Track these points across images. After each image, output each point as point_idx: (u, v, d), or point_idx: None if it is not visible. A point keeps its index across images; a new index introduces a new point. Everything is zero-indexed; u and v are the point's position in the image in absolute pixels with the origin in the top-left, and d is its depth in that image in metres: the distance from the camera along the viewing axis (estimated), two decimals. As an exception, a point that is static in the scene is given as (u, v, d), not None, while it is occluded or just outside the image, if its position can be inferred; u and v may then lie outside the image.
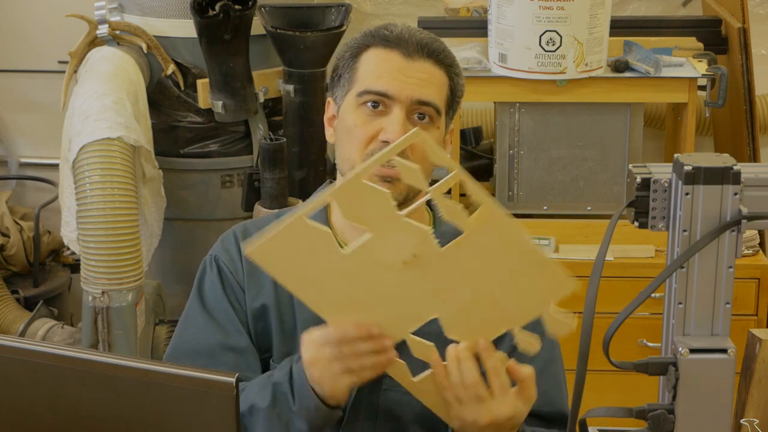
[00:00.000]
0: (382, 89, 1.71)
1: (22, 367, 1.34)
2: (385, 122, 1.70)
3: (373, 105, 1.71)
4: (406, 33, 1.74)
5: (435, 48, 1.74)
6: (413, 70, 1.72)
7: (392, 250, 1.48)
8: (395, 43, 1.73)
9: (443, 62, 1.75)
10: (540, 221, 3.32)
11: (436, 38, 1.77)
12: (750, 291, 3.16)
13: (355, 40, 1.78)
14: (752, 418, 1.61)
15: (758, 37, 3.65)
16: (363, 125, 1.72)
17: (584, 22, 3.07)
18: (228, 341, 1.75)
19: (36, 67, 4.03)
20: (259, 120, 3.55)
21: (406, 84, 1.71)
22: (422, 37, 1.74)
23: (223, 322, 1.77)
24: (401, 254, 1.48)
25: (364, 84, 1.73)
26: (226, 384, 1.27)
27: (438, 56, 1.74)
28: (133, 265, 3.11)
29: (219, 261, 1.81)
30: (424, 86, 1.72)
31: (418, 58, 1.72)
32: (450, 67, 1.76)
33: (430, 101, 1.72)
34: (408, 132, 1.55)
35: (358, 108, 1.73)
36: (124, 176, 3.10)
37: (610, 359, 1.31)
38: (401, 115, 1.70)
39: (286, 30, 3.38)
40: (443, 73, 1.75)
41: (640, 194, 1.33)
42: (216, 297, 1.79)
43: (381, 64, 1.73)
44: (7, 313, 3.65)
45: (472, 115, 3.85)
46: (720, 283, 1.31)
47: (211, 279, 1.81)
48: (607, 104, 3.26)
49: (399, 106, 1.70)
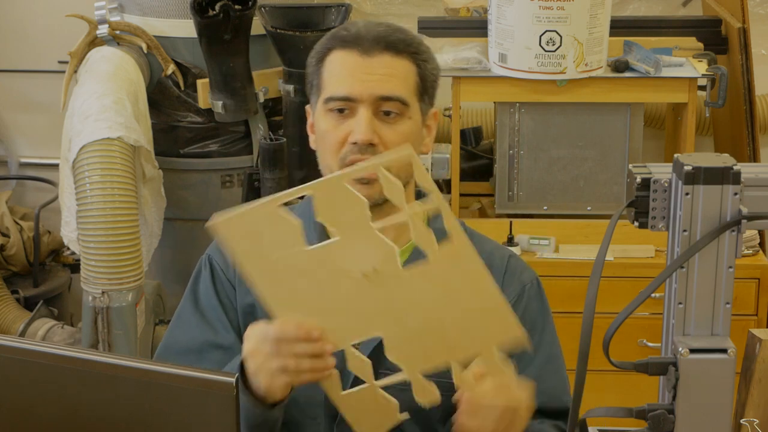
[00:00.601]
0: (344, 93, 1.71)
1: (22, 367, 1.34)
2: (353, 124, 1.70)
3: (339, 110, 1.72)
4: (363, 30, 1.73)
5: (393, 39, 1.72)
6: (372, 66, 1.71)
7: (355, 259, 1.47)
8: (352, 43, 1.72)
9: (405, 51, 1.73)
10: (540, 221, 3.31)
11: (397, 29, 1.75)
12: (750, 291, 3.16)
13: (319, 44, 1.78)
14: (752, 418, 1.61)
15: (758, 37, 3.65)
16: (333, 130, 1.72)
17: (584, 22, 3.07)
18: (216, 339, 1.76)
19: (36, 67, 4.03)
20: (259, 120, 3.55)
21: (366, 83, 1.70)
22: (380, 31, 1.73)
23: (213, 320, 1.78)
24: (363, 266, 1.48)
25: (328, 90, 1.73)
26: (226, 384, 1.27)
27: (397, 47, 1.72)
28: (133, 265, 3.11)
29: (212, 260, 1.83)
30: (385, 81, 1.71)
31: (376, 53, 1.71)
32: (415, 54, 1.74)
33: (393, 95, 1.71)
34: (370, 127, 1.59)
35: (326, 114, 1.73)
36: (124, 176, 3.10)
37: (610, 359, 1.31)
38: (367, 115, 1.70)
39: (286, 30, 3.38)
40: (407, 61, 1.73)
41: (640, 194, 1.33)
42: (207, 295, 1.80)
43: (340, 66, 1.72)
44: (7, 313, 3.65)
45: (472, 115, 3.85)
46: (720, 283, 1.31)
47: (204, 277, 1.82)
48: (607, 104, 3.26)
49: (363, 106, 1.70)
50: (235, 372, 1.60)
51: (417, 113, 1.75)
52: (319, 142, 1.76)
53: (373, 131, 1.70)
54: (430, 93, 1.78)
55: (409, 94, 1.73)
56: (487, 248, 1.85)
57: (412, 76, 1.74)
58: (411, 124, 1.74)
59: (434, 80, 1.78)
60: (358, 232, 1.46)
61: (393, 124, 1.72)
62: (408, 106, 1.73)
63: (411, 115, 1.74)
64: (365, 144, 1.69)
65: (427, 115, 1.79)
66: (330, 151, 1.73)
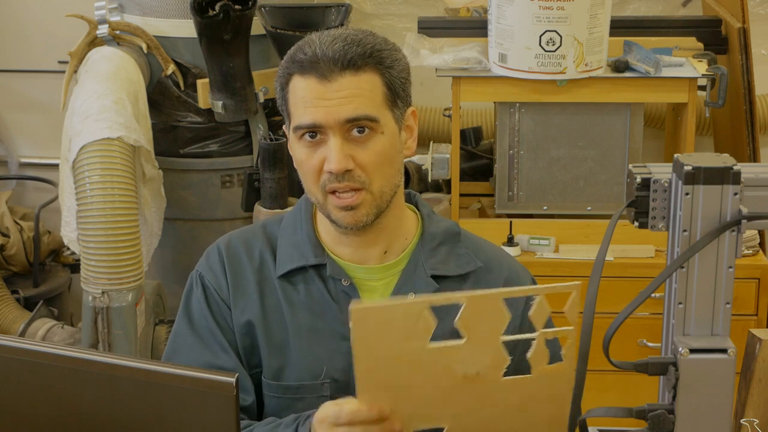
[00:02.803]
0: (309, 121, 1.68)
1: (22, 367, 1.34)
2: (325, 151, 1.68)
3: (310, 136, 1.69)
4: (319, 51, 1.67)
5: (350, 58, 1.67)
6: (332, 91, 1.67)
7: (467, 363, 1.48)
8: (309, 68, 1.68)
9: (365, 65, 1.68)
10: (540, 221, 3.31)
11: (353, 41, 1.68)
12: (750, 291, 3.16)
13: (281, 69, 1.74)
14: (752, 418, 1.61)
15: (758, 37, 3.65)
16: (307, 159, 1.70)
17: (584, 22, 3.07)
18: (216, 361, 1.75)
19: (36, 67, 4.03)
20: (259, 120, 3.55)
21: (329, 108, 1.66)
22: (335, 51, 1.67)
23: (210, 342, 1.76)
24: (470, 369, 1.48)
25: (295, 119, 1.70)
26: (226, 384, 1.27)
27: (355, 64, 1.67)
28: (133, 265, 3.11)
29: (204, 279, 1.80)
30: (348, 102, 1.67)
31: (335, 77, 1.67)
32: (377, 64, 1.69)
33: (358, 116, 1.67)
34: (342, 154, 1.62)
35: (299, 142, 1.71)
36: (124, 176, 3.10)
37: (610, 359, 1.31)
38: (337, 142, 1.67)
39: (286, 30, 3.38)
40: (370, 74, 1.69)
41: (640, 194, 1.33)
42: (202, 316, 1.79)
43: (302, 94, 1.69)
44: (7, 313, 3.65)
45: (472, 115, 3.85)
46: (720, 283, 1.31)
47: (197, 297, 1.80)
48: (607, 104, 3.26)
49: (332, 132, 1.67)
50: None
51: (390, 124, 1.71)
52: (299, 169, 1.74)
53: (346, 157, 1.67)
54: (402, 96, 1.73)
55: (377, 109, 1.69)
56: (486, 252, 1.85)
57: (378, 87, 1.69)
58: (385, 139, 1.70)
59: (404, 82, 1.73)
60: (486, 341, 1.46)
61: (366, 144, 1.69)
62: (378, 121, 1.69)
63: (383, 129, 1.70)
64: (341, 172, 1.67)
65: (403, 119, 1.75)
66: (310, 180, 1.71)
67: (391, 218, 1.78)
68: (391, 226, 1.79)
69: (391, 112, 1.72)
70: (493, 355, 1.48)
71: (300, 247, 1.78)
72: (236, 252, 1.81)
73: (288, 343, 1.75)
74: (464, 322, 1.45)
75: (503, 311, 1.44)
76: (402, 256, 1.80)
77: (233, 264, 1.80)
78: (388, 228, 1.78)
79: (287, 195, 3.31)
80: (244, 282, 1.78)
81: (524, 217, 3.32)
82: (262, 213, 3.25)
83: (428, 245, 1.80)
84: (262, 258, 1.79)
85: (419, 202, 1.86)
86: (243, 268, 1.79)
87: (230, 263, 1.80)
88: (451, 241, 1.82)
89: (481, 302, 1.45)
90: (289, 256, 1.78)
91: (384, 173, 1.71)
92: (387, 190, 1.73)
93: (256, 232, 1.84)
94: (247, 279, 1.78)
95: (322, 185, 1.70)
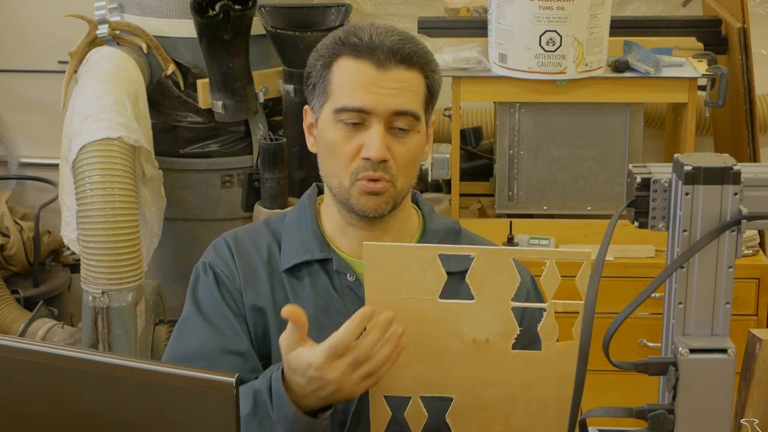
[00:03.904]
0: (358, 105, 1.68)
1: (22, 367, 1.34)
2: (365, 137, 1.69)
3: (351, 120, 1.70)
4: (376, 39, 1.69)
5: (407, 52, 1.70)
6: (387, 80, 1.68)
7: (477, 326, 1.50)
8: (366, 53, 1.69)
9: (417, 63, 1.71)
10: (540, 221, 3.31)
11: (407, 38, 1.72)
12: (750, 291, 3.16)
13: (325, 48, 1.74)
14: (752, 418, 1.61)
15: (758, 37, 3.65)
16: (344, 142, 1.70)
17: (584, 22, 3.07)
18: (228, 345, 1.73)
19: (36, 67, 4.03)
20: (259, 120, 3.55)
21: (381, 96, 1.68)
22: (393, 42, 1.69)
23: (222, 327, 1.75)
24: (479, 334, 1.50)
25: (339, 100, 1.70)
26: (226, 384, 1.27)
27: (411, 60, 1.70)
28: (133, 265, 3.11)
29: (215, 268, 1.79)
30: (400, 95, 1.69)
31: (391, 66, 1.68)
32: (425, 65, 1.73)
33: (407, 110, 1.69)
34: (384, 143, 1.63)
35: (336, 124, 1.71)
36: (124, 176, 3.10)
37: (610, 359, 1.31)
38: (380, 130, 1.68)
39: (286, 30, 3.38)
40: (418, 74, 1.72)
41: (640, 194, 1.33)
42: (213, 303, 1.77)
43: (354, 77, 1.69)
44: (7, 313, 3.65)
45: (472, 115, 3.85)
46: (720, 283, 1.31)
47: (206, 285, 1.79)
48: (607, 104, 3.26)
49: (377, 120, 1.68)
50: (264, 388, 1.59)
51: (423, 126, 1.75)
52: (326, 151, 1.74)
53: (386, 148, 1.68)
54: (434, 102, 1.77)
55: (420, 108, 1.72)
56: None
57: (422, 88, 1.73)
58: (419, 138, 1.73)
59: (438, 89, 1.78)
60: (495, 305, 1.48)
61: (404, 139, 1.71)
62: (419, 120, 1.72)
63: (420, 129, 1.73)
64: (380, 161, 1.68)
65: (429, 126, 1.79)
66: (341, 163, 1.71)
67: (398, 218, 1.79)
68: (397, 226, 1.79)
69: (425, 114, 1.75)
70: (502, 322, 1.49)
71: (305, 241, 1.79)
72: (244, 244, 1.81)
73: None
74: (474, 278, 1.47)
75: (513, 272, 1.46)
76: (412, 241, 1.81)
77: (242, 255, 1.79)
78: (393, 228, 1.79)
79: (287, 195, 3.31)
80: (255, 272, 1.78)
81: (524, 217, 3.32)
82: (262, 213, 3.25)
83: (429, 242, 1.81)
84: (270, 251, 1.80)
85: (420, 200, 1.87)
86: (253, 259, 1.79)
87: (239, 253, 1.79)
88: (452, 238, 1.83)
89: (492, 257, 1.47)
90: (295, 250, 1.78)
91: (409, 172, 1.73)
92: (406, 189, 1.75)
93: (261, 228, 1.84)
94: (258, 269, 1.78)
95: (354, 171, 1.70)
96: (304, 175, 3.47)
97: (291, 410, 1.56)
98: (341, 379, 1.51)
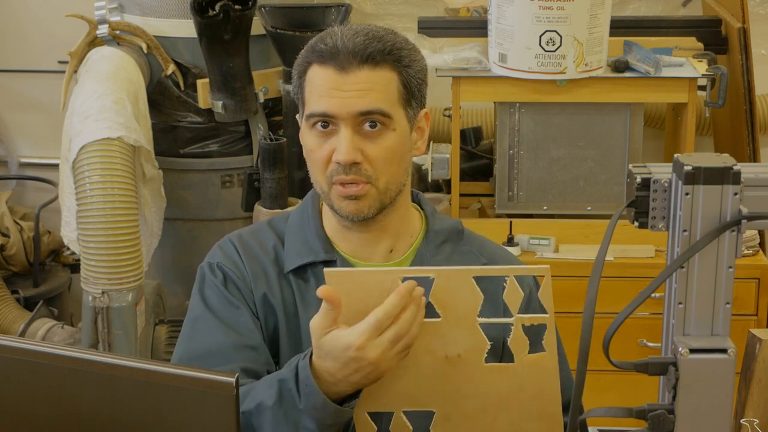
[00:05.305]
0: (323, 110, 1.69)
1: (22, 367, 1.34)
2: (335, 142, 1.69)
3: (322, 125, 1.70)
4: (339, 43, 1.69)
5: (369, 52, 1.68)
6: (349, 83, 1.68)
7: (447, 343, 1.50)
8: (329, 58, 1.69)
9: (384, 61, 1.70)
10: (540, 221, 3.31)
11: (375, 36, 1.71)
12: (750, 291, 3.16)
13: (300, 57, 1.75)
14: (752, 418, 1.61)
15: (758, 37, 3.65)
16: (317, 149, 1.71)
17: (584, 22, 3.07)
18: (241, 340, 1.72)
19: (36, 67, 4.03)
20: (259, 120, 3.55)
21: (343, 100, 1.68)
22: (356, 44, 1.69)
23: (234, 324, 1.74)
24: (450, 350, 1.51)
25: (309, 107, 1.72)
26: (226, 384, 1.27)
27: (374, 59, 1.69)
28: (133, 265, 3.11)
29: (223, 267, 1.78)
30: (363, 95, 1.68)
31: (353, 69, 1.68)
32: (396, 62, 1.71)
33: (372, 109, 1.68)
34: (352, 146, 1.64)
35: (310, 130, 1.72)
36: (124, 176, 3.10)
37: (610, 359, 1.31)
38: (347, 134, 1.68)
39: (286, 30, 3.38)
40: (388, 71, 1.70)
41: (640, 194, 1.33)
42: (223, 301, 1.76)
43: (319, 83, 1.70)
44: (7, 313, 3.65)
45: (472, 115, 3.85)
46: (720, 283, 1.31)
47: (215, 285, 1.78)
48: (607, 104, 3.26)
49: (343, 124, 1.68)
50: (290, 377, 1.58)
51: (403, 122, 1.73)
52: (307, 158, 1.76)
53: (355, 150, 1.68)
54: (417, 96, 1.75)
55: (391, 105, 1.70)
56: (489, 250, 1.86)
57: (394, 84, 1.71)
58: (395, 136, 1.71)
59: (420, 83, 1.75)
60: (462, 323, 1.49)
61: (377, 139, 1.70)
62: (391, 117, 1.70)
63: (395, 127, 1.71)
64: (348, 164, 1.69)
65: (416, 119, 1.76)
66: (317, 169, 1.73)
67: (395, 217, 1.78)
68: (395, 226, 1.79)
69: (405, 110, 1.73)
70: (471, 337, 1.50)
71: (309, 242, 1.79)
72: (251, 245, 1.80)
73: (301, 336, 1.75)
74: (437, 299, 1.48)
75: (475, 290, 1.46)
76: (407, 253, 1.81)
77: (250, 255, 1.79)
78: (391, 227, 1.78)
79: (287, 195, 3.31)
80: (264, 270, 1.78)
81: (524, 217, 3.32)
82: (262, 213, 3.25)
83: (432, 243, 1.81)
84: (276, 251, 1.80)
85: (422, 200, 1.87)
86: (260, 259, 1.79)
87: (246, 254, 1.79)
88: (455, 238, 1.83)
89: (452, 278, 1.47)
90: (298, 251, 1.78)
91: (391, 170, 1.72)
92: (392, 188, 1.74)
93: (265, 229, 1.84)
94: (267, 269, 1.78)
95: (328, 175, 1.71)
96: (304, 175, 3.43)
97: (320, 398, 1.54)
98: (381, 358, 1.50)
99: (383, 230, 1.78)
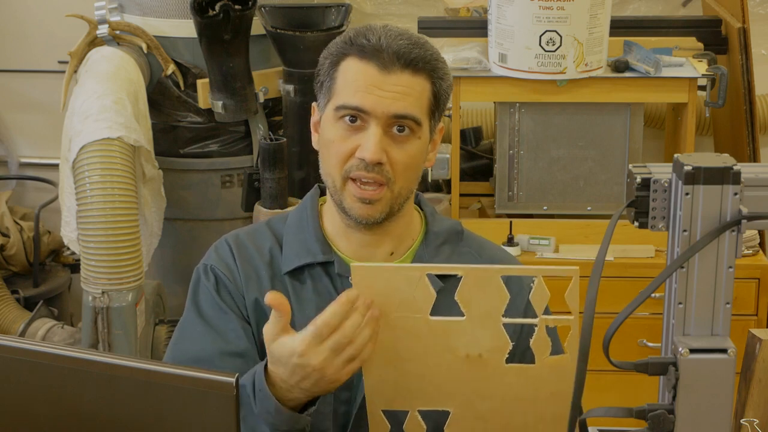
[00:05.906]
0: (358, 104, 1.68)
1: (22, 367, 1.34)
2: (362, 138, 1.68)
3: (350, 119, 1.69)
4: (384, 42, 1.69)
5: (413, 57, 1.69)
6: (389, 83, 1.68)
7: (469, 342, 1.50)
8: (371, 55, 1.69)
9: (423, 69, 1.71)
10: (540, 221, 3.31)
11: (417, 43, 1.72)
12: (750, 291, 3.16)
13: (335, 46, 1.74)
14: (752, 418, 1.61)
15: (758, 37, 3.65)
16: (341, 141, 1.70)
17: (584, 22, 3.07)
18: (228, 347, 1.73)
19: (36, 67, 4.04)
20: (259, 120, 3.56)
21: (381, 99, 1.67)
22: (400, 46, 1.69)
23: (222, 330, 1.74)
24: (472, 349, 1.50)
25: (341, 98, 1.70)
26: (226, 384, 1.27)
27: (416, 65, 1.69)
28: (133, 265, 3.11)
29: (215, 270, 1.78)
30: (401, 99, 1.68)
31: (395, 70, 1.68)
32: (432, 72, 1.72)
33: (407, 114, 1.69)
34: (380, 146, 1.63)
35: (336, 122, 1.71)
36: (124, 176, 3.10)
37: (610, 359, 1.31)
38: (377, 132, 1.68)
39: (286, 30, 3.38)
40: (423, 79, 1.71)
41: (640, 194, 1.33)
42: (213, 305, 1.76)
43: (357, 77, 1.69)
44: (7, 313, 3.65)
45: (472, 115, 3.85)
46: (720, 283, 1.31)
47: (207, 288, 1.78)
48: (607, 104, 3.26)
49: (375, 122, 1.68)
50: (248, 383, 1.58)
51: (426, 132, 1.74)
52: (324, 148, 1.74)
53: (382, 150, 1.68)
54: (441, 109, 1.76)
55: (422, 114, 1.71)
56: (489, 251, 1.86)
57: (427, 94, 1.72)
58: (419, 144, 1.72)
59: (447, 97, 1.77)
60: (486, 321, 1.49)
61: (403, 144, 1.70)
62: (420, 125, 1.71)
63: (421, 135, 1.72)
64: (374, 163, 1.68)
65: (434, 131, 1.78)
66: (335, 161, 1.71)
67: (399, 223, 1.78)
68: (398, 231, 1.79)
69: (430, 121, 1.74)
70: (494, 337, 1.49)
71: (307, 243, 1.78)
72: (246, 246, 1.80)
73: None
74: (463, 296, 1.47)
75: (501, 289, 1.46)
76: (407, 255, 1.80)
77: (244, 257, 1.79)
78: (394, 232, 1.78)
79: (287, 195, 3.31)
80: (257, 274, 1.77)
81: (524, 217, 3.32)
82: (262, 213, 3.25)
83: (432, 244, 1.80)
84: (272, 253, 1.79)
85: (422, 201, 1.87)
86: (255, 261, 1.78)
87: (240, 256, 1.79)
88: (455, 240, 1.83)
89: (479, 276, 1.47)
90: (296, 252, 1.78)
91: (408, 177, 1.73)
92: (404, 194, 1.74)
93: (262, 230, 1.83)
94: (260, 271, 1.78)
95: (346, 169, 1.70)
96: (304, 175, 3.47)
97: (272, 403, 1.55)
98: (324, 365, 1.50)
99: (386, 234, 1.78)
